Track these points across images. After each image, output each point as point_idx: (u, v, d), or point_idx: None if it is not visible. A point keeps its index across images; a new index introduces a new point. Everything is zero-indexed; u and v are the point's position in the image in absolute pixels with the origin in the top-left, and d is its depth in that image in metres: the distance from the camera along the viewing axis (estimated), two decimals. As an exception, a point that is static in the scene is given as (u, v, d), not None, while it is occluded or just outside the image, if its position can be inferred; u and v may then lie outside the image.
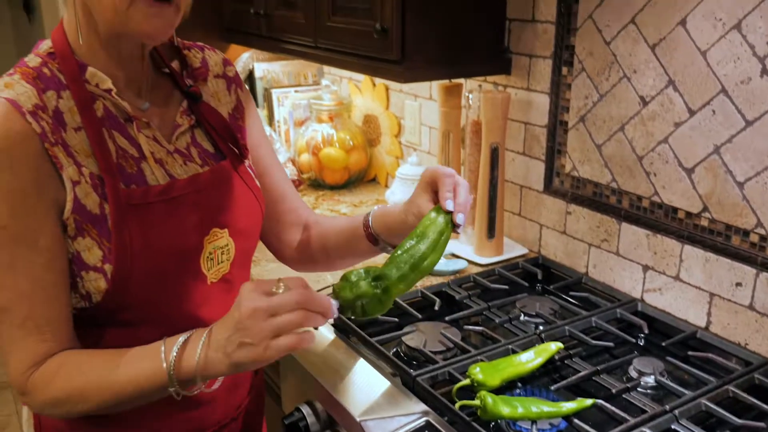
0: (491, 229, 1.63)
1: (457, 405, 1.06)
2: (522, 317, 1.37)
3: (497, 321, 1.35)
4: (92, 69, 0.91)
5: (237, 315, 0.80)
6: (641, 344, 1.31)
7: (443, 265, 1.60)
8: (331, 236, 1.17)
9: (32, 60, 0.91)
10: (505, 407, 1.03)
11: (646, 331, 1.31)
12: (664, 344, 1.28)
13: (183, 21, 1.01)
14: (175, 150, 0.98)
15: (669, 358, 1.23)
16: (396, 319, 1.35)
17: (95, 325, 0.94)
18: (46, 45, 0.93)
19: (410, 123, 2.07)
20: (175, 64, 1.04)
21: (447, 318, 1.35)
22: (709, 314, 1.32)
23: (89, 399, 0.88)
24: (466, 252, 1.68)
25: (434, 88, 1.95)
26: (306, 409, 1.24)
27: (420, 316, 1.36)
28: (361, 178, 2.27)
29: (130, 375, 0.86)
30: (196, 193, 0.97)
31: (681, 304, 1.36)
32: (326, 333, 1.34)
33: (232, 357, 0.80)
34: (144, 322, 0.95)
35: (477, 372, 1.12)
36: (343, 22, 1.65)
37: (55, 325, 0.89)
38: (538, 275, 1.55)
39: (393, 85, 2.12)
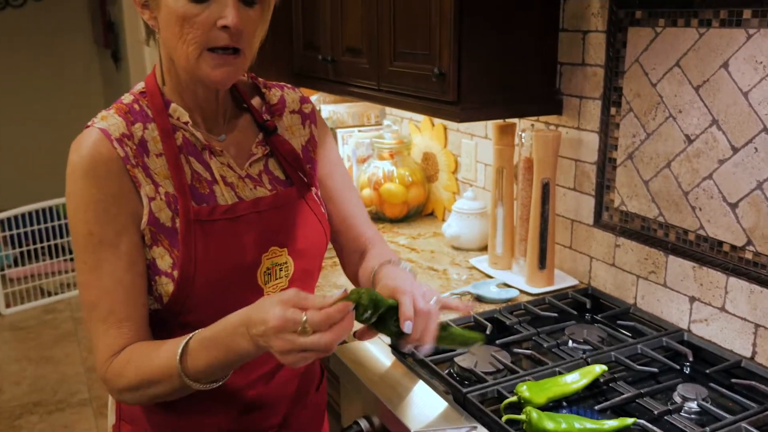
0: (542, 260, 1.71)
1: (503, 418, 1.14)
2: (570, 343, 1.44)
3: (546, 346, 1.42)
4: (174, 105, 1.07)
5: (269, 342, 0.89)
6: (686, 372, 1.35)
7: (495, 293, 1.68)
8: (366, 274, 1.21)
9: (126, 98, 1.08)
10: (550, 422, 1.10)
11: (691, 359, 1.36)
12: (708, 371, 1.33)
13: (259, 68, 1.16)
14: (247, 175, 1.11)
15: (713, 385, 1.27)
16: (449, 342, 1.44)
17: (164, 328, 1.08)
18: (139, 86, 1.10)
19: (466, 160, 2.17)
20: (256, 100, 1.18)
21: (498, 342, 1.43)
22: (754, 345, 1.36)
23: (155, 384, 0.99)
24: (517, 282, 1.76)
25: (489, 127, 2.05)
26: (364, 423, 1.34)
27: (472, 339, 1.44)
28: (420, 212, 2.38)
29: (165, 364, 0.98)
30: (258, 213, 1.09)
31: (727, 334, 1.41)
32: (384, 354, 1.43)
33: (271, 351, 0.90)
34: (203, 326, 1.05)
35: (524, 390, 1.19)
36: (404, 66, 1.78)
37: (133, 320, 1.02)
38: (587, 305, 1.61)
39: (450, 124, 2.24)
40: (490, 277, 1.83)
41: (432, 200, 2.39)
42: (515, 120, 1.86)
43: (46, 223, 4.23)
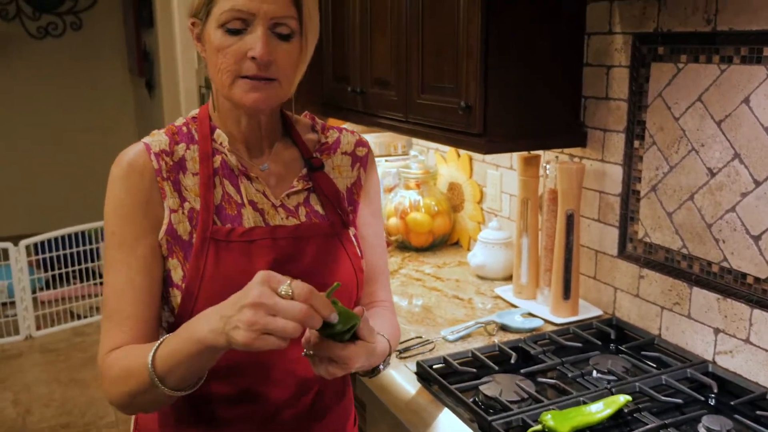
0: (567, 291, 1.73)
1: (528, 446, 1.16)
2: (594, 373, 1.46)
3: (570, 375, 1.44)
4: (219, 131, 1.14)
5: (244, 300, 0.88)
6: (711, 403, 1.36)
7: (520, 323, 1.70)
8: None
9: (179, 121, 1.18)
10: (574, 451, 1.12)
11: (716, 391, 1.37)
12: (733, 403, 1.33)
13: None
14: (282, 205, 1.15)
15: (738, 417, 1.28)
16: (474, 370, 1.46)
17: None
18: (194, 112, 1.19)
19: (492, 191, 2.21)
20: (311, 137, 1.23)
21: (522, 371, 1.45)
22: (779, 377, 1.36)
23: (130, 378, 0.99)
24: (542, 311, 1.78)
25: (514, 158, 2.09)
26: (390, 449, 1.36)
27: (497, 368, 1.46)
28: (445, 241, 2.41)
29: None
30: (273, 240, 1.12)
31: (752, 366, 1.41)
32: (410, 381, 1.46)
33: (228, 333, 0.88)
34: None
35: (548, 419, 1.21)
36: (431, 99, 1.82)
37: (135, 321, 1.06)
38: (612, 335, 1.62)
39: (476, 155, 2.28)
40: (515, 306, 1.85)
41: (457, 229, 2.42)
42: (539, 152, 1.90)
43: (77, 248, 4.32)
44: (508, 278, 2.05)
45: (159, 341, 0.99)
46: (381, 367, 1.14)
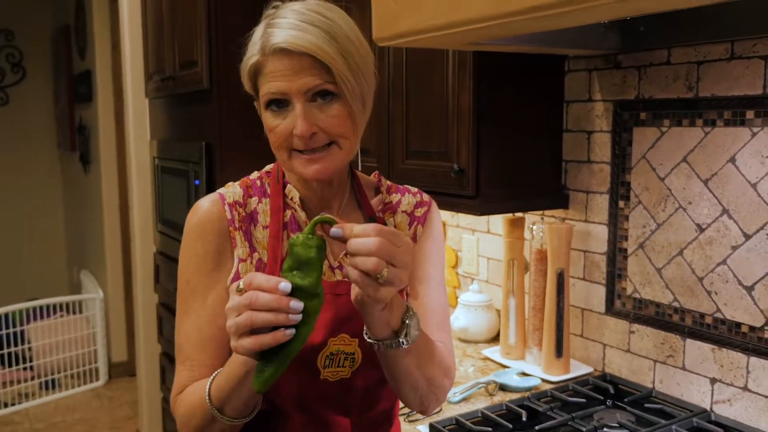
0: (559, 349, 1.76)
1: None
2: (605, 428, 1.47)
3: (584, 430, 1.45)
4: (290, 186, 1.15)
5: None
6: (721, 451, 1.40)
7: (518, 382, 1.71)
8: None
9: (254, 174, 1.19)
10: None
11: (725, 438, 1.41)
12: (743, 450, 1.37)
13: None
14: (339, 265, 1.14)
15: (751, 462, 1.32)
16: (489, 429, 1.45)
17: None
18: (269, 166, 1.20)
19: (468, 255, 2.24)
20: (378, 198, 1.22)
21: (537, 427, 1.45)
22: (780, 421, 1.42)
23: (194, 415, 1.05)
24: (533, 370, 1.79)
25: (491, 222, 2.14)
26: None
27: (511, 426, 1.46)
28: (419, 307, 2.40)
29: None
30: (334, 296, 1.10)
31: (752, 413, 1.47)
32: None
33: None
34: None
35: (581, 472, 1.21)
36: (417, 164, 1.86)
37: (204, 368, 1.09)
38: (610, 390, 1.65)
39: (450, 220, 2.32)
40: (505, 366, 1.86)
41: (430, 295, 2.42)
42: (521, 214, 1.96)
43: (2, 330, 4.05)
44: (491, 340, 2.07)
45: (213, 375, 1.02)
46: (403, 338, 1.00)
